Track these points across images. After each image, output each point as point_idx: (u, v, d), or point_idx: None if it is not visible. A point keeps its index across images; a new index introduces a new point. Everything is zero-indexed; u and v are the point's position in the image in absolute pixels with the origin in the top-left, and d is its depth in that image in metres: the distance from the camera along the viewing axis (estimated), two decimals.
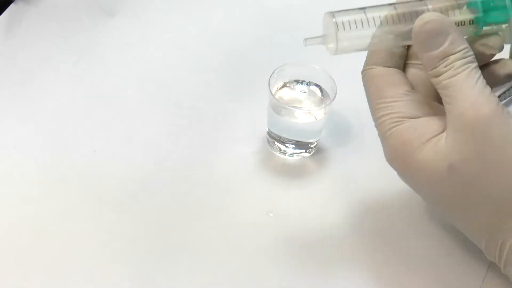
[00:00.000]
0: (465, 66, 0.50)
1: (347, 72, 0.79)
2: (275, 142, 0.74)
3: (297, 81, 0.74)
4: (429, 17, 0.51)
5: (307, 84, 0.74)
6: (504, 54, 0.59)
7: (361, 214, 0.70)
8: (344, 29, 0.55)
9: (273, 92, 0.71)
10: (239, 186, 0.73)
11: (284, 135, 0.73)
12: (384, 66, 0.58)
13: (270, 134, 0.75)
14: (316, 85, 0.74)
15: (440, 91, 0.52)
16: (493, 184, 0.50)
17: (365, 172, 0.74)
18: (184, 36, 0.89)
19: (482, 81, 0.50)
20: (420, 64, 0.57)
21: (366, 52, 0.61)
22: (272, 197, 0.72)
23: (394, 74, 0.58)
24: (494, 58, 0.58)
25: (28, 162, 0.74)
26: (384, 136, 0.56)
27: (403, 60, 0.59)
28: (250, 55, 0.87)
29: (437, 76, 0.51)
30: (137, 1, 0.93)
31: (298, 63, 0.74)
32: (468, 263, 0.66)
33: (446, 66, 0.50)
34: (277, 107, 0.71)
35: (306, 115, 0.72)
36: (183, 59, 0.86)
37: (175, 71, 0.85)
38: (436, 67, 0.51)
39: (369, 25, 0.55)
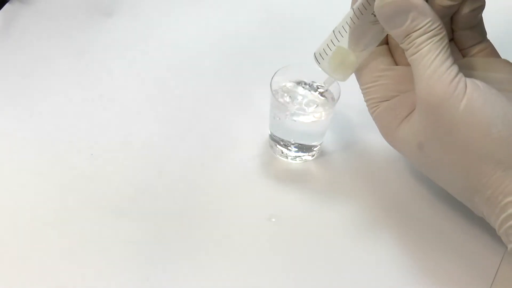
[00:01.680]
0: (427, 41, 0.51)
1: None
2: (277, 145, 0.73)
3: (300, 82, 0.73)
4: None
5: (310, 86, 0.73)
6: None
7: (367, 219, 0.69)
8: (323, 58, 0.60)
9: (275, 94, 0.70)
10: (240, 190, 0.71)
11: (287, 137, 0.72)
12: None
13: (272, 137, 0.74)
14: (319, 86, 0.72)
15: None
16: (454, 162, 0.53)
17: (370, 176, 0.73)
18: (184, 37, 0.88)
19: (442, 56, 0.51)
20: None
21: None
22: (275, 202, 0.70)
23: (372, 55, 0.59)
24: None
25: (24, 165, 0.73)
26: (372, 118, 0.61)
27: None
28: (251, 55, 0.86)
29: (405, 52, 0.52)
30: (136, 0, 0.92)
31: (301, 64, 0.72)
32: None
33: (409, 44, 0.51)
34: (279, 109, 0.70)
35: (309, 117, 0.71)
36: (183, 60, 0.85)
37: (175, 72, 0.84)
38: (402, 43, 0.52)
39: (342, 36, 0.58)
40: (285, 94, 0.72)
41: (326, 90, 0.67)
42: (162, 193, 0.71)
